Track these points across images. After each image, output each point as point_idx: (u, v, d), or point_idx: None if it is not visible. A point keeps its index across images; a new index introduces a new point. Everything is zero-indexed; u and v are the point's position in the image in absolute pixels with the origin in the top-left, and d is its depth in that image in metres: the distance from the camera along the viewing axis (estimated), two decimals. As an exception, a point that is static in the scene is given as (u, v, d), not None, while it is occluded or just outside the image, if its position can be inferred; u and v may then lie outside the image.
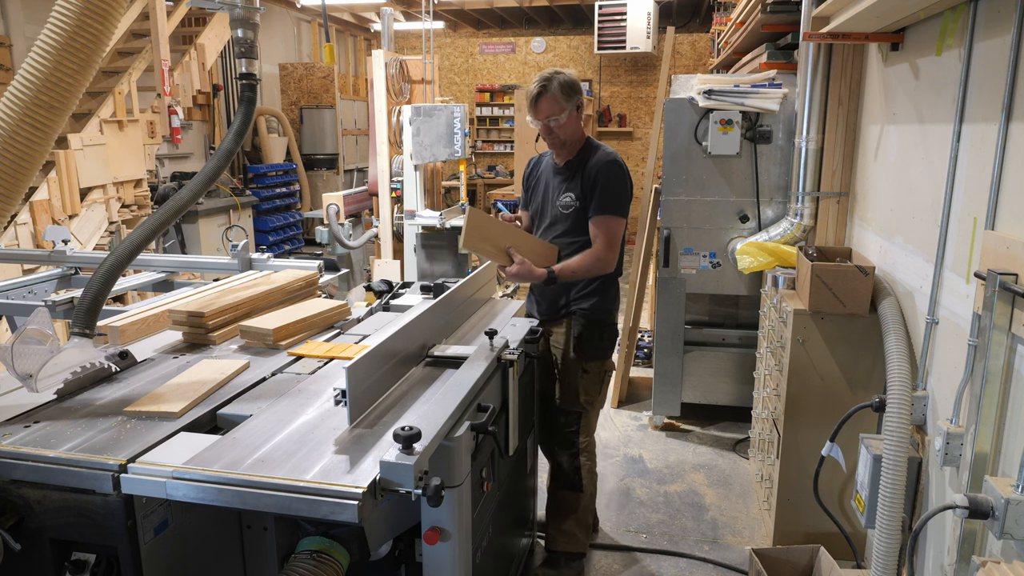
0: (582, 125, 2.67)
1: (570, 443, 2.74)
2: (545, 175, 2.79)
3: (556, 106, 2.56)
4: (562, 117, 2.56)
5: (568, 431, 2.74)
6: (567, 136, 2.63)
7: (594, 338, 2.71)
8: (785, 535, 2.98)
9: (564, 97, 2.55)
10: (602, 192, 2.58)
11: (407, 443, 1.50)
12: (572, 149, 2.68)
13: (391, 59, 6.05)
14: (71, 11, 1.78)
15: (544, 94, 2.55)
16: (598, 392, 2.77)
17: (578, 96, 2.60)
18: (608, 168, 2.59)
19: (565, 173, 2.69)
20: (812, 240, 3.54)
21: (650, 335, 4.92)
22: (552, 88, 2.54)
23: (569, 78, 2.58)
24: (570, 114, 2.58)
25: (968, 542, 1.87)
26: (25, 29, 6.08)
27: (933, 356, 2.36)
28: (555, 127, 2.58)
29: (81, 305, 2.08)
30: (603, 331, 2.74)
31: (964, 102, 2.16)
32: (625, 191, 2.63)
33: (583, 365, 2.71)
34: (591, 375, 2.72)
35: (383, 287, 3.05)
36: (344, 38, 11.15)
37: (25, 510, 1.65)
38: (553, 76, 2.56)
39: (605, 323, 2.75)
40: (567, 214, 2.67)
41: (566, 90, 2.55)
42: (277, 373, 2.17)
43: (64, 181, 5.18)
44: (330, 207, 5.90)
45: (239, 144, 2.43)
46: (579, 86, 2.62)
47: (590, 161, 2.62)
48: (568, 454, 2.75)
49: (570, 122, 2.60)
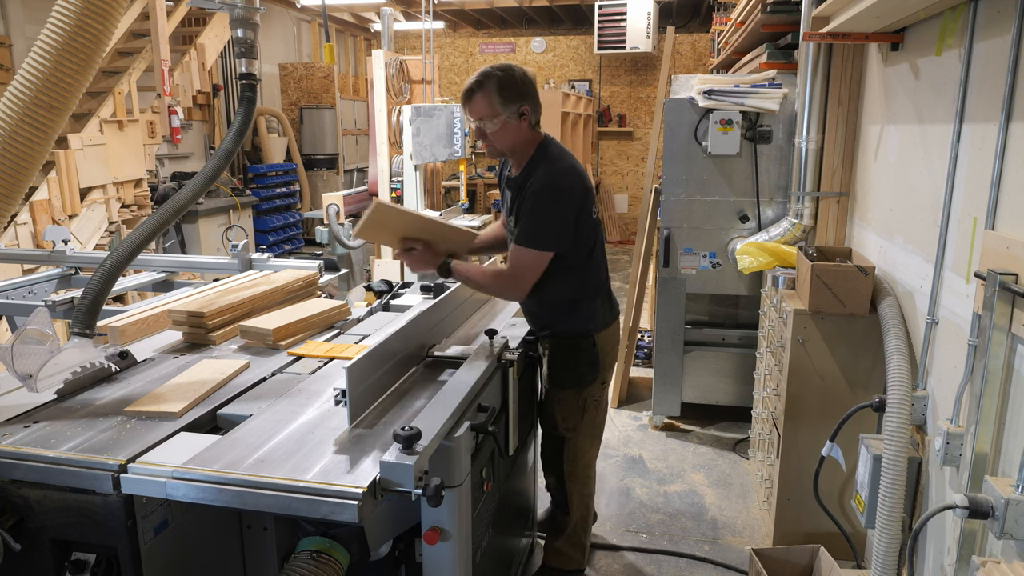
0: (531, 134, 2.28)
1: (555, 467, 2.59)
2: (504, 183, 2.46)
3: (488, 109, 2.17)
4: (494, 123, 2.18)
5: (552, 457, 2.60)
6: (504, 147, 2.26)
7: (568, 364, 2.44)
8: (785, 535, 2.98)
9: (500, 101, 2.15)
10: (526, 219, 2.22)
11: (407, 443, 1.51)
12: (520, 159, 2.29)
13: (391, 59, 6.05)
14: (71, 11, 1.78)
15: (477, 91, 2.16)
16: (579, 419, 2.50)
17: (522, 102, 2.18)
18: (539, 190, 2.20)
19: (515, 188, 2.33)
20: (812, 240, 3.54)
21: (650, 335, 4.92)
22: (488, 86, 2.15)
23: (515, 78, 2.17)
24: (506, 122, 2.18)
25: (968, 542, 1.87)
26: (25, 29, 6.08)
27: (933, 356, 2.36)
28: (489, 134, 2.21)
29: (81, 305, 2.08)
30: (578, 355, 2.43)
31: (964, 102, 2.16)
32: (553, 217, 2.21)
33: (556, 394, 2.49)
34: (566, 403, 2.48)
35: (383, 287, 3.05)
36: (344, 38, 11.15)
37: (25, 510, 1.65)
38: (494, 72, 2.16)
39: (580, 346, 2.43)
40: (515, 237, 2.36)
41: (506, 92, 2.15)
42: (277, 373, 2.17)
43: (64, 181, 5.18)
44: (330, 207, 5.89)
45: (239, 144, 2.43)
46: (526, 90, 2.20)
47: (533, 180, 2.23)
48: (554, 476, 2.63)
49: (507, 131, 2.21)
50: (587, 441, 2.59)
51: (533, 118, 2.24)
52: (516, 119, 2.20)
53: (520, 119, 2.20)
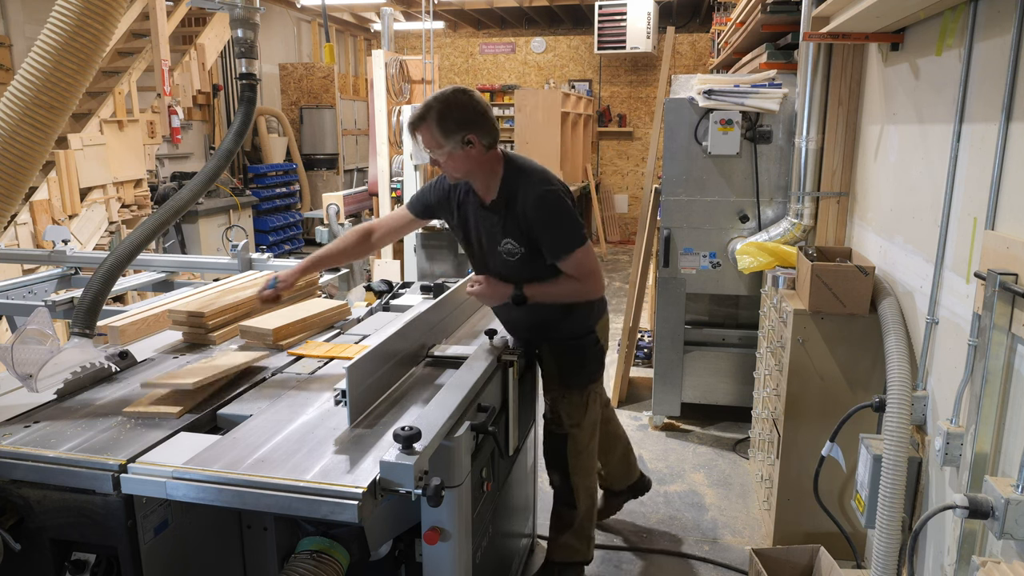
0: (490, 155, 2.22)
1: (560, 464, 2.61)
2: (472, 211, 2.37)
3: (432, 140, 2.15)
4: (442, 153, 2.16)
5: (556, 454, 2.61)
6: (459, 174, 2.24)
7: (575, 366, 2.48)
8: (785, 535, 2.98)
9: (441, 133, 2.11)
10: (548, 232, 2.23)
11: (407, 443, 1.51)
12: (490, 184, 2.27)
13: (391, 59, 6.05)
14: (71, 11, 1.79)
15: (420, 124, 2.14)
16: (584, 415, 2.54)
17: (465, 132, 2.12)
18: (541, 203, 2.21)
19: (494, 217, 2.30)
20: (812, 240, 3.54)
21: (650, 335, 4.92)
22: (428, 119, 2.11)
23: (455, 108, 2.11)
24: (451, 153, 2.15)
25: (968, 542, 1.87)
26: (25, 29, 6.08)
27: (933, 356, 2.36)
28: (440, 162, 2.20)
29: (81, 305, 2.08)
30: (584, 355, 2.49)
31: (964, 102, 2.16)
32: (570, 217, 2.26)
33: (564, 393, 2.51)
34: (572, 401, 2.52)
35: (383, 287, 3.05)
36: (344, 38, 11.15)
37: (25, 510, 1.65)
38: (434, 104, 2.11)
39: (585, 345, 2.48)
40: (513, 262, 2.31)
41: (446, 124, 2.10)
42: (277, 373, 2.17)
43: (64, 181, 5.18)
44: (330, 207, 5.90)
45: (239, 144, 2.44)
46: (471, 117, 2.13)
47: (518, 199, 2.22)
48: (559, 473, 2.64)
49: (456, 160, 2.17)
50: (589, 434, 2.61)
51: (485, 141, 2.18)
52: (461, 148, 2.14)
53: (466, 147, 2.15)
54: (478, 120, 2.15)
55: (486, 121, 2.17)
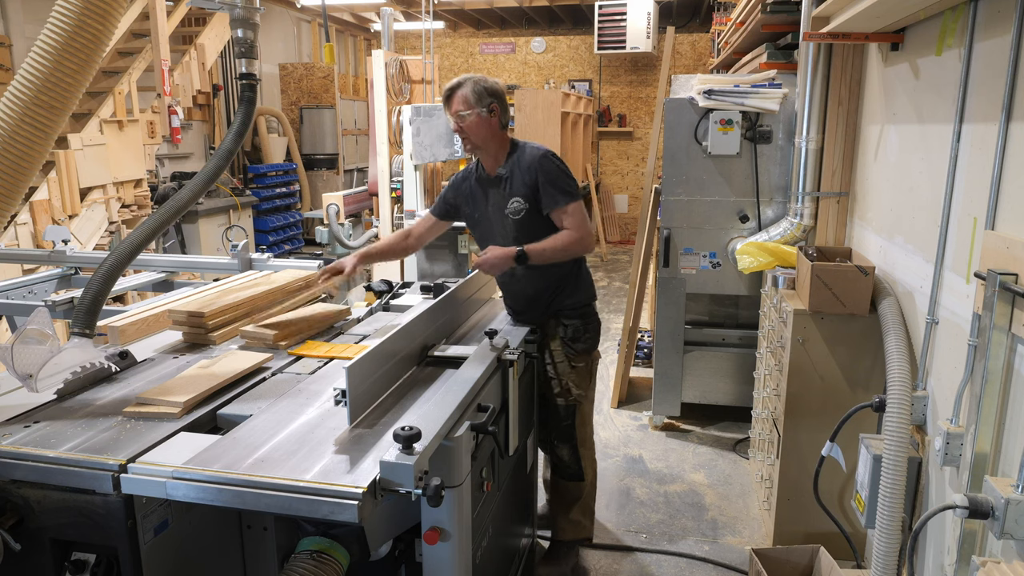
0: (502, 132, 2.67)
1: (569, 436, 2.79)
2: (478, 191, 2.78)
3: (464, 104, 2.59)
4: (469, 115, 2.58)
5: (566, 424, 2.78)
6: (477, 140, 2.63)
7: (579, 334, 2.75)
8: (785, 535, 2.98)
9: (474, 97, 2.59)
10: (547, 186, 2.61)
11: (407, 443, 1.50)
12: (498, 156, 2.68)
13: (391, 59, 6.05)
14: (71, 11, 1.78)
15: (457, 90, 2.60)
16: (588, 383, 2.82)
17: (492, 101, 2.60)
18: (543, 162, 2.62)
19: (502, 180, 2.67)
20: (812, 240, 3.54)
21: (650, 335, 4.92)
22: (465, 86, 2.60)
23: (487, 86, 2.61)
24: (479, 116, 2.59)
25: (968, 542, 1.87)
26: (25, 29, 6.08)
27: (933, 356, 2.36)
28: (464, 125, 2.60)
29: (81, 305, 2.08)
30: (587, 324, 2.78)
31: (964, 102, 2.16)
32: (568, 175, 2.67)
33: (571, 362, 2.74)
34: (580, 369, 2.76)
35: (383, 287, 3.05)
36: (344, 38, 11.15)
37: (25, 510, 1.65)
38: (469, 79, 2.62)
39: (589, 315, 2.79)
40: (518, 219, 2.64)
41: (478, 93, 2.59)
42: (277, 373, 2.17)
43: (64, 181, 5.18)
44: (330, 207, 5.90)
45: (239, 144, 2.43)
46: (496, 95, 2.63)
47: (522, 161, 2.64)
48: (568, 447, 2.80)
49: (479, 125, 2.60)
50: (590, 404, 2.88)
51: (503, 119, 2.65)
52: (487, 114, 2.59)
53: (491, 115, 2.60)
54: (501, 97, 2.65)
55: (505, 102, 2.66)
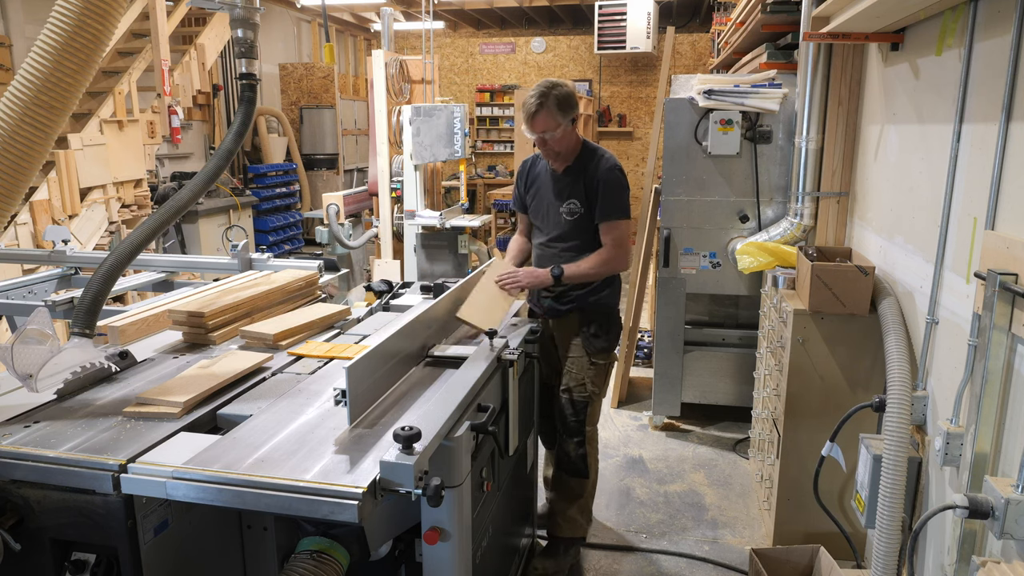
0: (578, 133, 2.71)
1: (578, 432, 2.81)
2: (543, 180, 2.83)
3: (552, 122, 2.57)
4: (558, 132, 2.59)
5: (575, 420, 2.80)
6: (562, 149, 2.66)
7: (602, 332, 2.79)
8: (785, 535, 2.98)
9: (560, 112, 2.58)
10: (605, 199, 2.65)
11: (407, 443, 1.50)
12: (569, 157, 2.72)
13: (391, 59, 6.05)
14: (71, 11, 1.78)
15: (540, 110, 2.57)
16: (604, 383, 2.86)
17: (574, 110, 2.62)
18: (609, 174, 2.66)
19: (565, 180, 2.73)
20: (812, 240, 3.54)
21: (650, 335, 4.92)
22: (548, 104, 2.56)
23: (565, 92, 2.59)
24: (565, 128, 2.61)
25: (968, 542, 1.87)
26: (25, 29, 6.07)
27: (933, 356, 2.36)
28: (550, 141, 2.61)
29: (81, 305, 2.08)
30: (610, 324, 2.82)
31: (964, 102, 2.16)
32: (626, 195, 2.72)
33: (592, 359, 2.78)
34: (599, 367, 2.80)
35: (383, 287, 3.05)
36: (344, 38, 11.14)
37: (25, 510, 1.65)
38: (549, 91, 2.57)
39: (612, 316, 2.83)
40: (571, 220, 2.72)
41: (562, 105, 2.58)
42: (277, 373, 2.17)
43: (64, 181, 5.17)
44: (330, 207, 5.90)
45: (239, 144, 2.43)
46: (575, 99, 2.63)
47: (590, 168, 2.68)
48: (575, 442, 2.81)
49: (566, 136, 2.63)
50: (600, 404, 2.91)
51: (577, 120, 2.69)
52: (571, 124, 2.63)
53: (573, 123, 2.64)
54: (576, 101, 2.65)
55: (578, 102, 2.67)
